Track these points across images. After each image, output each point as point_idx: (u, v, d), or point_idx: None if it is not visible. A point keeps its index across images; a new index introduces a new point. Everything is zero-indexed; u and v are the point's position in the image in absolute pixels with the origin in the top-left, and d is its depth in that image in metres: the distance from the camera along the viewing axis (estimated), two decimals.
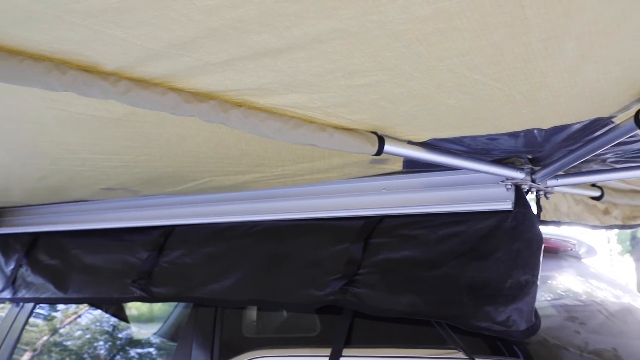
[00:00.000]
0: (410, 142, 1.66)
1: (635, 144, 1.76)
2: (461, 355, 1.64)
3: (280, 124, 1.40)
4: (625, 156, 1.95)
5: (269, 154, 1.79)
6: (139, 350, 3.03)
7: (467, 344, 1.66)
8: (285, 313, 2.19)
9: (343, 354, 1.74)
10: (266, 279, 2.06)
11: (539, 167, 1.89)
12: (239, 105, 1.35)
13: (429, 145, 1.69)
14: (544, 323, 1.66)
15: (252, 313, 2.16)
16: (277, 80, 1.22)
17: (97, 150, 1.77)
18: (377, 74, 1.18)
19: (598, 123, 1.52)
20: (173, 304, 3.31)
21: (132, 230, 2.55)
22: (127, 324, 3.24)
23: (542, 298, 2.05)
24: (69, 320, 3.05)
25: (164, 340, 3.20)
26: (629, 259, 22.06)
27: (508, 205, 1.81)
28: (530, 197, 1.95)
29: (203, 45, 1.06)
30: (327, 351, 1.75)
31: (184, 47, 1.08)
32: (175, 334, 3.01)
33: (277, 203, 2.23)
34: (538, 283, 1.66)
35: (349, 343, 1.79)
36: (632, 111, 1.38)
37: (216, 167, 1.94)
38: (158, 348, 3.15)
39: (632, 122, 1.38)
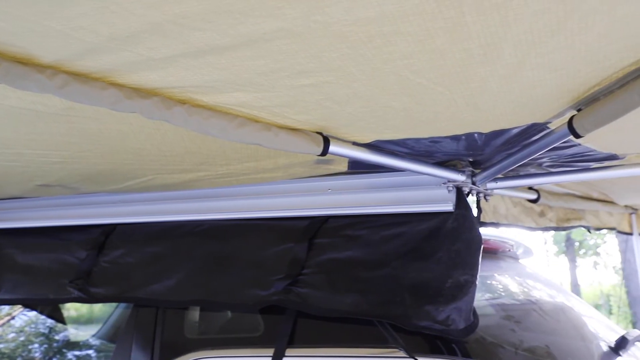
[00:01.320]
0: (355, 143, 1.68)
1: (569, 149, 1.84)
2: (402, 354, 1.66)
3: (225, 122, 1.38)
4: (560, 161, 2.03)
5: (214, 153, 1.77)
6: (77, 353, 2.94)
7: (408, 342, 1.68)
8: (229, 313, 2.17)
9: (286, 354, 1.74)
10: (209, 279, 2.03)
11: (479, 170, 1.94)
12: (182, 102, 1.32)
13: (373, 146, 1.71)
14: (481, 322, 1.70)
15: (195, 313, 2.13)
16: (222, 79, 1.21)
17: (33, 145, 1.70)
18: (322, 75, 1.18)
19: (535, 128, 1.58)
20: (114, 305, 3.23)
21: (71, 229, 2.46)
22: (64, 326, 3.14)
23: (481, 297, 2.10)
24: (1, 322, 2.92)
25: (103, 342, 3.12)
26: (564, 260, 22.97)
27: (449, 207, 1.85)
28: (471, 199, 2.00)
29: (145, 40, 1.04)
30: (270, 351, 1.75)
31: (125, 42, 1.05)
32: (115, 335, 2.94)
33: (222, 202, 2.21)
34: (477, 283, 1.70)
35: (292, 343, 1.79)
36: (566, 118, 1.44)
37: (159, 165, 1.90)
38: (97, 350, 3.07)
39: (565, 128, 1.44)
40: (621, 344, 2.03)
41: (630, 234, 3.89)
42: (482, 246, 1.79)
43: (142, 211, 2.35)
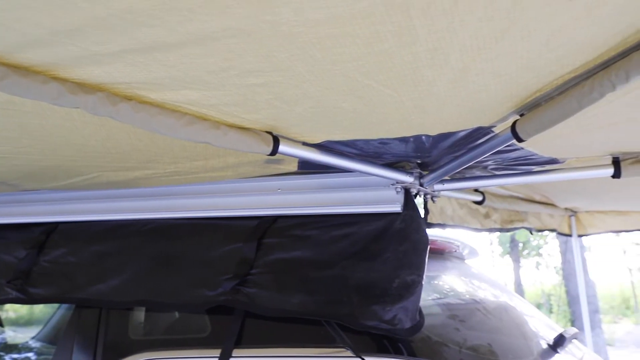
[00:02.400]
0: (305, 144, 1.68)
1: (512, 153, 1.89)
2: (349, 353, 1.67)
3: (173, 120, 1.36)
4: (504, 164, 2.09)
5: (161, 151, 1.74)
6: (15, 356, 2.83)
7: (355, 342, 1.70)
8: (176, 314, 2.14)
9: (233, 355, 1.72)
10: (155, 279, 2.00)
11: (427, 172, 1.98)
12: (129, 98, 1.30)
13: (323, 147, 1.71)
14: (427, 321, 1.73)
15: (140, 314, 2.09)
16: (170, 76, 1.19)
17: None
18: (271, 75, 1.18)
19: (480, 132, 1.62)
20: (56, 305, 3.13)
21: (10, 227, 2.37)
22: (2, 328, 3.02)
23: (427, 297, 2.14)
24: None
25: (44, 344, 3.02)
26: (508, 260, 23.67)
27: (397, 208, 1.87)
28: (418, 201, 2.03)
29: (90, 34, 1.01)
30: (217, 352, 1.73)
31: (69, 35, 1.02)
32: (56, 337, 2.85)
33: (169, 201, 2.17)
34: (423, 283, 1.73)
35: (240, 343, 1.78)
36: (509, 122, 1.48)
37: (104, 162, 1.85)
38: (37, 352, 2.97)
39: (509, 132, 1.48)
40: (559, 341, 2.10)
41: (570, 235, 4.05)
42: (428, 247, 1.82)
43: (86, 209, 2.29)
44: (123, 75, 1.19)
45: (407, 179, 1.91)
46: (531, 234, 3.60)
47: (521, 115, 1.46)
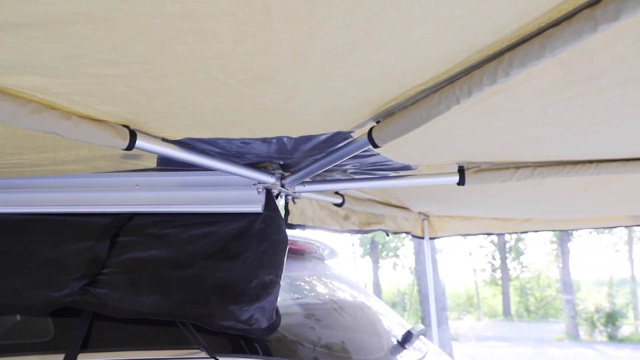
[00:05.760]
0: (165, 140, 1.63)
1: (370, 158, 1.98)
2: (204, 354, 1.65)
3: (16, 107, 1.25)
4: (362, 168, 2.18)
5: (3, 140, 1.59)
6: None
7: (210, 343, 1.68)
8: (17, 317, 1.97)
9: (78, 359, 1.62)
10: None
11: (288, 173, 2.01)
12: None
13: (184, 144, 1.67)
14: (284, 320, 1.76)
15: None
16: (13, 59, 1.09)
17: None
18: (128, 66, 1.13)
19: (339, 136, 1.67)
20: None
21: None
22: None
23: (285, 297, 2.17)
24: None
25: None
26: (368, 261, 24.76)
27: (258, 208, 1.88)
28: (280, 201, 2.06)
29: None
30: (60, 357, 1.62)
31: None
32: None
33: (14, 195, 2.00)
34: (282, 283, 1.75)
35: (87, 347, 1.68)
36: (366, 128, 1.55)
37: None
38: None
39: (366, 138, 1.55)
40: (407, 338, 2.24)
41: (422, 237, 4.32)
42: (288, 247, 1.84)
43: None
44: None
45: (269, 179, 1.92)
46: (387, 235, 3.79)
47: (377, 122, 1.53)
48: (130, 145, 1.49)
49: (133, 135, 1.49)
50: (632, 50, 1.15)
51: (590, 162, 2.09)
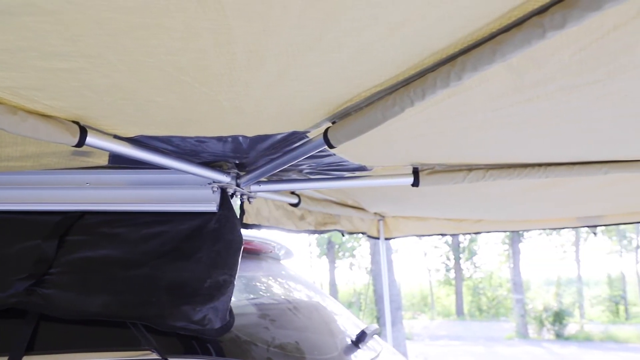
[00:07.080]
0: (116, 137, 1.59)
1: (326, 158, 1.99)
2: (155, 355, 1.62)
3: None
4: (318, 168, 2.18)
5: None
6: None
7: (162, 344, 1.65)
8: None
9: None
10: None
11: (244, 173, 1.99)
12: None
13: (136, 141, 1.64)
14: (238, 321, 1.74)
15: None
16: None
17: None
18: (78, 60, 1.10)
19: (295, 136, 1.67)
20: None
21: None
22: None
23: (240, 297, 2.16)
24: None
25: None
26: (325, 261, 24.85)
27: (213, 208, 1.86)
28: (235, 201, 2.04)
29: None
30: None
31: None
32: None
33: None
34: (236, 283, 1.74)
35: (32, 349, 1.63)
36: (322, 128, 1.55)
37: None
38: None
39: (321, 138, 1.55)
40: (361, 337, 2.25)
41: (378, 238, 4.36)
42: (242, 247, 1.83)
43: None
44: None
45: (224, 178, 1.91)
46: (343, 236, 3.81)
47: (333, 122, 1.53)
48: (81, 142, 1.45)
49: (83, 131, 1.45)
50: (578, 57, 1.19)
51: (539, 165, 2.15)
